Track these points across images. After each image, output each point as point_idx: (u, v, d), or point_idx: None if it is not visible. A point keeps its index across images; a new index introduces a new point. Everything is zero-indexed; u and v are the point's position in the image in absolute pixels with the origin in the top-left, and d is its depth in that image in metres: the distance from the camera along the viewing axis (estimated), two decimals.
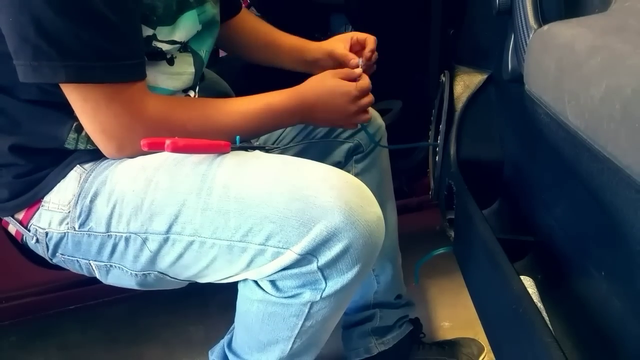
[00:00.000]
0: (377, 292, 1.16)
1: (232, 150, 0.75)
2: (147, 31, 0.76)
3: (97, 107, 0.71)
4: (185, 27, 0.81)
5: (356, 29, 1.52)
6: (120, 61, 0.70)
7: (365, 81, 0.90)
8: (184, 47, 0.84)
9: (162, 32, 0.78)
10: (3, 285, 1.25)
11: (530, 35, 0.68)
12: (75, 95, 0.71)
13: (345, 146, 1.08)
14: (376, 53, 1.01)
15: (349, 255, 0.70)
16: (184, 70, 0.85)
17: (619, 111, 0.43)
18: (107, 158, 0.78)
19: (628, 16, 0.58)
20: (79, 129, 0.77)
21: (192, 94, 0.91)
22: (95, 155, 0.78)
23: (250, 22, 1.10)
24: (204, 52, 0.89)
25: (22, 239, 0.83)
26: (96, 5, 0.65)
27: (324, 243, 0.68)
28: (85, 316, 1.41)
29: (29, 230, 0.80)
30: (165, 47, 0.79)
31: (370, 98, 0.91)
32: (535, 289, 0.77)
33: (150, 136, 0.68)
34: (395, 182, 1.18)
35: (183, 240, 0.73)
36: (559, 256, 0.79)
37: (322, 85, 0.87)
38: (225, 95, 1.11)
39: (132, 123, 0.73)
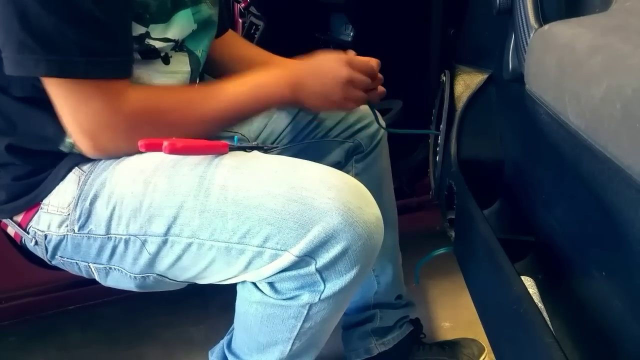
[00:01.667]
0: (378, 292, 1.16)
1: (230, 150, 0.75)
2: (139, 29, 0.75)
3: (77, 103, 0.70)
4: (180, 25, 0.80)
5: (356, 28, 1.52)
6: (104, 57, 0.69)
7: (363, 64, 0.89)
8: (180, 46, 0.84)
9: (156, 30, 0.77)
10: (3, 285, 1.25)
11: (531, 35, 0.67)
12: (56, 91, 0.70)
13: (345, 146, 1.08)
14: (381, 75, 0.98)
15: (347, 257, 0.69)
16: (180, 69, 0.85)
17: (620, 111, 0.43)
18: (105, 158, 0.78)
19: (629, 16, 0.58)
20: None
21: None
22: None
23: (239, 46, 1.08)
24: (200, 51, 0.88)
25: (21, 240, 0.83)
26: (83, 0, 0.65)
27: (322, 245, 0.68)
28: (85, 316, 1.40)
29: (28, 233, 0.80)
30: (158, 44, 0.78)
31: (360, 94, 0.89)
32: (536, 289, 0.77)
33: (131, 132, 0.68)
34: (396, 182, 1.18)
35: (181, 242, 0.73)
36: (560, 256, 0.79)
37: (317, 61, 0.87)
38: None
39: (111, 120, 0.72)
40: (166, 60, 0.82)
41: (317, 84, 0.86)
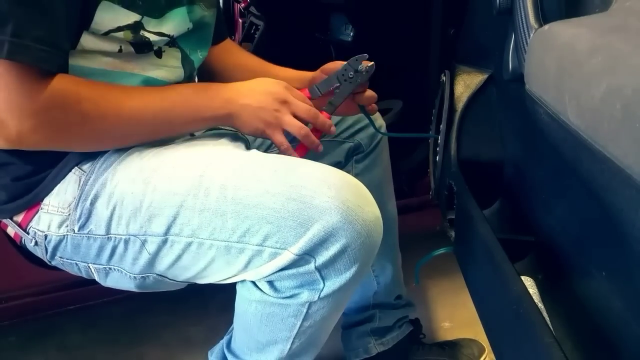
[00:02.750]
0: (377, 292, 1.15)
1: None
2: (132, 17, 0.75)
3: None
4: (174, 21, 0.81)
5: (356, 28, 1.52)
6: (34, 43, 0.65)
7: (301, 95, 0.85)
8: (172, 42, 0.84)
9: (150, 24, 0.77)
10: (3, 285, 1.25)
11: (531, 35, 0.68)
12: None
13: (346, 146, 1.08)
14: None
15: (346, 255, 0.69)
16: (172, 64, 0.85)
17: (620, 111, 0.43)
18: (105, 158, 0.77)
19: (629, 16, 0.58)
20: None
21: None
22: (89, 153, 0.78)
23: (237, 55, 1.07)
24: (190, 51, 0.88)
25: (20, 241, 0.83)
26: None
27: (321, 243, 0.68)
28: (85, 316, 1.40)
29: (27, 233, 0.80)
30: (153, 37, 0.78)
31: (294, 121, 0.82)
32: (536, 289, 0.77)
33: (40, 116, 0.66)
34: (396, 182, 1.18)
35: (181, 241, 0.73)
36: (560, 256, 0.79)
37: (256, 80, 0.83)
38: None
39: (20, 102, 0.67)
40: (159, 54, 0.82)
41: (252, 97, 0.80)
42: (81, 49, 0.74)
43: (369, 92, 0.94)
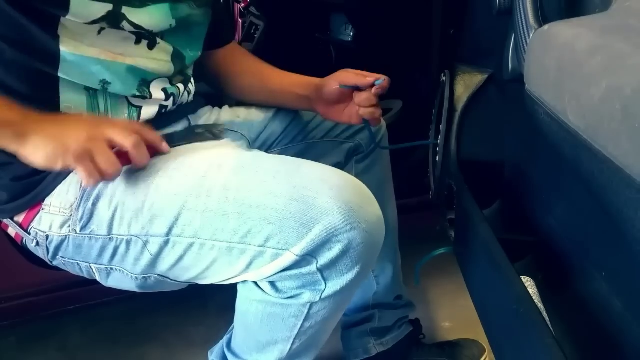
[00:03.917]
0: (377, 293, 1.15)
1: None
2: (106, 7, 0.72)
3: None
4: (154, 17, 0.78)
5: (356, 28, 1.52)
6: None
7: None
8: (162, 39, 0.82)
9: (130, 13, 0.75)
10: (3, 285, 1.25)
11: (531, 35, 0.68)
12: None
13: (346, 146, 1.08)
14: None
15: (348, 256, 0.69)
16: (162, 57, 0.83)
17: (620, 111, 0.43)
18: None
19: (628, 16, 0.58)
20: None
21: (181, 87, 0.89)
22: None
23: (242, 59, 1.05)
24: (181, 49, 0.86)
25: (21, 241, 0.83)
26: None
27: (323, 244, 0.68)
28: (85, 317, 1.41)
29: (29, 234, 0.80)
30: (129, 29, 0.76)
31: (107, 151, 0.67)
32: (536, 290, 0.77)
33: None
34: (396, 182, 1.18)
35: (183, 242, 0.73)
36: (560, 256, 0.79)
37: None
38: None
39: None
40: (150, 46, 0.81)
41: (56, 121, 0.69)
42: (64, 31, 0.73)
43: (378, 112, 0.92)
